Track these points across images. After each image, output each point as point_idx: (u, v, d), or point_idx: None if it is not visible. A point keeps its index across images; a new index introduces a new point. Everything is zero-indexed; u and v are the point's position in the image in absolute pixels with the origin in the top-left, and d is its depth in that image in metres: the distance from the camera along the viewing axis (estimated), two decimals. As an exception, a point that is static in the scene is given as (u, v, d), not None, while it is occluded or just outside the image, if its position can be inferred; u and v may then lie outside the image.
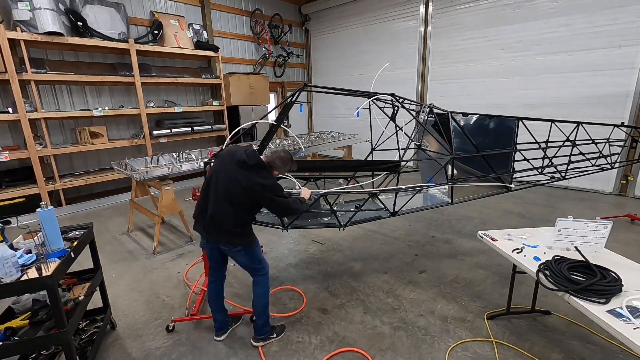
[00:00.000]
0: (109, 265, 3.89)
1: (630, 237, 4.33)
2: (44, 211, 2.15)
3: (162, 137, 6.95)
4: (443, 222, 5.00)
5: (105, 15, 6.10)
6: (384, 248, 4.22)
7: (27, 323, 2.09)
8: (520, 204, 5.72)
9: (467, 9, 7.33)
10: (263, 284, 2.53)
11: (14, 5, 5.03)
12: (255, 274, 2.52)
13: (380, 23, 8.89)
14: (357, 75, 9.63)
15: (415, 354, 2.48)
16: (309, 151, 6.15)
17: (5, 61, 4.87)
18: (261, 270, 2.52)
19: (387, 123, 3.64)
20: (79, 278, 2.66)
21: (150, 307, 3.13)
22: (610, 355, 2.42)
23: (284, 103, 3.04)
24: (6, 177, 5.44)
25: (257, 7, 9.07)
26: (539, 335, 2.63)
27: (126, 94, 6.94)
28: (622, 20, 5.64)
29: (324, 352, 2.51)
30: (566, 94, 6.37)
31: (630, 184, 6.06)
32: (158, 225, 4.23)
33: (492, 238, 2.67)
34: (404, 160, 3.13)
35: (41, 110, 5.51)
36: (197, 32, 7.68)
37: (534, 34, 6.52)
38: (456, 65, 7.74)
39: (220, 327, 2.69)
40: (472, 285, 3.34)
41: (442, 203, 3.70)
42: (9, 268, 1.85)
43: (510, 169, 3.53)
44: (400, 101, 3.37)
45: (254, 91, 8.47)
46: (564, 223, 2.35)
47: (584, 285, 1.87)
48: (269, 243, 4.42)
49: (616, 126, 4.49)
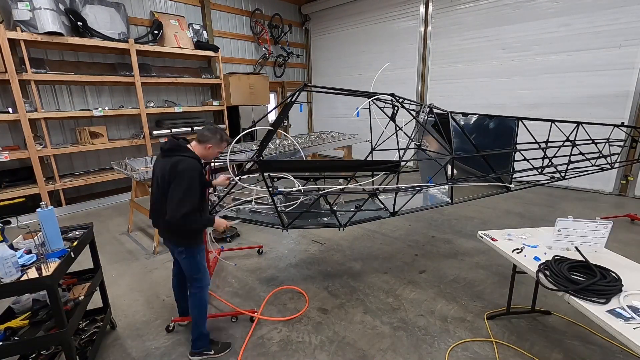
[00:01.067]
0: (109, 265, 3.89)
1: (630, 237, 4.33)
2: (44, 211, 2.15)
3: (162, 137, 6.94)
4: (443, 222, 5.00)
5: (105, 15, 6.09)
6: (384, 248, 4.22)
7: (27, 323, 2.09)
8: (520, 204, 5.72)
9: (467, 9, 7.33)
10: (198, 297, 2.40)
11: (14, 5, 5.03)
12: (192, 284, 2.41)
13: (380, 23, 8.89)
14: (357, 75, 9.63)
15: (415, 354, 2.48)
16: (308, 151, 6.15)
17: (5, 61, 4.87)
18: (199, 281, 2.39)
19: (387, 123, 3.64)
20: (79, 278, 2.66)
21: (150, 307, 3.13)
22: (610, 355, 2.42)
23: (284, 103, 3.04)
24: (6, 177, 5.44)
25: (257, 7, 9.07)
26: (539, 335, 2.63)
27: (126, 94, 6.94)
28: (622, 20, 5.64)
29: (323, 352, 2.51)
30: (566, 94, 6.37)
31: (630, 184, 6.06)
32: (158, 225, 4.23)
33: (492, 238, 2.67)
34: (403, 160, 3.13)
35: (41, 110, 5.50)
36: (197, 32, 7.68)
37: (534, 34, 6.52)
38: (456, 65, 7.74)
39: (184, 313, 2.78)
40: (472, 285, 3.34)
41: (442, 203, 3.69)
42: (9, 268, 1.85)
43: (510, 169, 3.52)
44: (400, 101, 3.37)
45: (254, 91, 8.47)
46: (564, 223, 2.35)
47: (584, 285, 1.87)
48: (268, 243, 4.42)
49: (616, 126, 4.48)
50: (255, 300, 3.17)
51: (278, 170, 3.01)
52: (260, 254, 4.15)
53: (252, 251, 4.20)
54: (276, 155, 5.16)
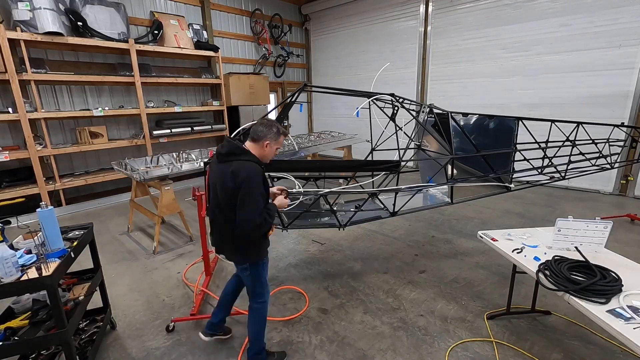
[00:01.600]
0: (109, 265, 3.89)
1: (630, 237, 4.33)
2: (44, 211, 2.15)
3: (162, 137, 6.95)
4: (443, 222, 5.00)
5: (105, 15, 6.09)
6: (384, 248, 4.22)
7: (27, 323, 2.09)
8: (520, 204, 5.72)
9: (467, 9, 7.33)
10: (260, 312, 2.27)
11: (14, 5, 5.02)
12: (254, 299, 2.27)
13: (380, 23, 8.89)
14: (357, 75, 9.63)
15: (415, 353, 2.48)
16: (308, 151, 6.15)
17: (5, 61, 4.87)
18: (261, 296, 2.26)
19: (387, 123, 3.64)
20: (79, 278, 2.66)
21: (150, 307, 3.13)
22: (610, 355, 2.42)
23: (283, 103, 3.04)
24: (6, 177, 5.44)
25: (257, 7, 9.07)
26: (539, 335, 2.63)
27: (126, 94, 6.94)
28: (622, 20, 5.64)
29: (323, 352, 2.51)
30: (566, 94, 6.37)
31: (630, 184, 6.06)
32: (158, 225, 4.23)
33: (492, 238, 2.67)
34: (403, 161, 3.13)
35: (41, 110, 5.50)
36: (197, 32, 7.67)
37: (534, 34, 6.52)
38: (456, 65, 7.74)
39: (211, 326, 2.57)
40: (472, 285, 3.34)
41: (441, 203, 3.70)
42: (9, 268, 1.84)
43: (510, 169, 3.53)
44: (400, 101, 3.37)
45: (254, 91, 8.47)
46: (564, 223, 2.35)
47: (584, 285, 1.87)
48: (269, 243, 4.42)
49: (616, 126, 4.49)
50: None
51: (278, 170, 3.01)
52: (260, 254, 4.15)
53: (252, 251, 4.20)
54: (276, 155, 5.16)
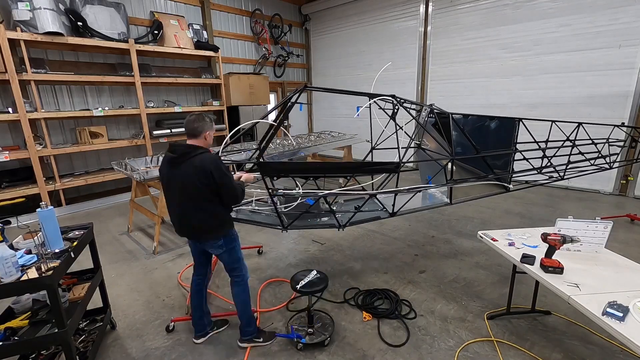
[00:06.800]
0: (109, 265, 3.89)
1: (630, 237, 4.33)
2: (44, 211, 2.15)
3: (162, 137, 6.94)
4: (443, 222, 5.00)
5: (105, 15, 6.09)
6: (384, 248, 4.22)
7: (27, 323, 2.09)
8: (520, 204, 5.72)
9: (467, 9, 7.33)
10: (240, 284, 2.52)
11: (14, 5, 5.02)
12: (233, 274, 2.52)
13: (380, 23, 8.88)
14: (357, 75, 9.63)
15: (415, 353, 2.48)
16: (308, 151, 6.15)
17: (5, 61, 4.87)
18: (239, 270, 2.51)
19: (387, 123, 3.64)
20: (79, 278, 2.67)
21: (150, 307, 3.13)
22: (610, 355, 2.42)
23: (283, 103, 3.04)
24: (6, 177, 5.44)
25: (257, 7, 9.07)
26: (539, 335, 2.63)
27: (126, 94, 6.93)
28: (622, 20, 5.64)
29: (324, 352, 2.51)
30: (566, 94, 6.37)
31: (630, 184, 6.06)
32: (158, 225, 4.23)
33: (492, 238, 2.67)
34: (403, 162, 3.13)
35: (41, 110, 5.50)
36: (197, 32, 7.67)
37: (534, 34, 6.52)
38: (456, 65, 7.73)
39: (199, 329, 2.65)
40: (472, 285, 3.34)
41: (441, 203, 3.69)
42: (9, 268, 1.85)
43: (509, 170, 3.52)
44: (401, 103, 3.36)
45: (254, 91, 8.47)
46: (564, 223, 2.35)
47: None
48: (268, 243, 4.42)
49: (616, 126, 4.49)
50: (255, 300, 3.17)
51: (278, 172, 3.01)
52: (260, 254, 4.15)
53: (252, 251, 4.20)
54: (276, 156, 5.16)
